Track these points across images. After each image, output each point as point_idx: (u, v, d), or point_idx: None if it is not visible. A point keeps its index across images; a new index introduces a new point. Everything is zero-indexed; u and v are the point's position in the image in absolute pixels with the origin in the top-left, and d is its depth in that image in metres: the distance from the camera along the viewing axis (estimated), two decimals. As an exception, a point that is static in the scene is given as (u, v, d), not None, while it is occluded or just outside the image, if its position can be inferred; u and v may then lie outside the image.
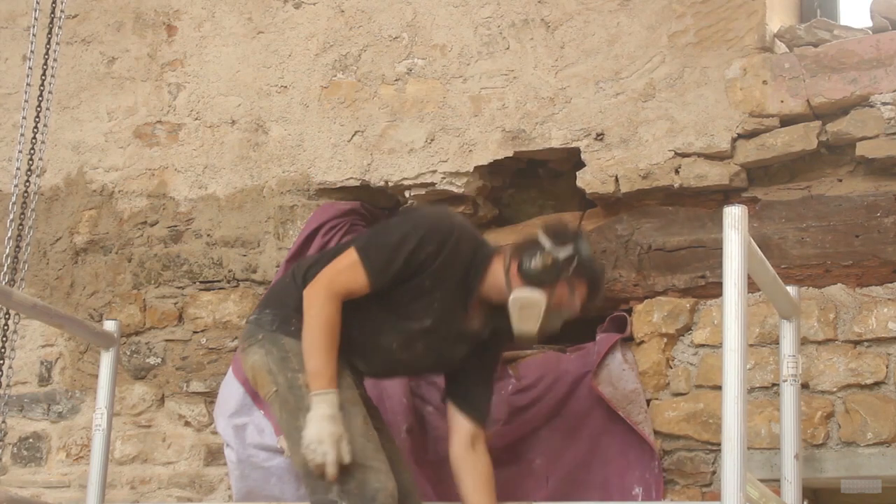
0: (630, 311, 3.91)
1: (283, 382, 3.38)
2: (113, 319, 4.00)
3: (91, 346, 4.49)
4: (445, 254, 3.40)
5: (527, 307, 3.38)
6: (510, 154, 4.10)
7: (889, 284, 3.64)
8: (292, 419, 3.33)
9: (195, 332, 4.45)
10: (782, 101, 3.78)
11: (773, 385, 3.64)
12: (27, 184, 3.89)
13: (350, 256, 3.41)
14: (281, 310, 3.48)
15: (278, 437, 3.82)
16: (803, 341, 3.57)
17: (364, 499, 3.21)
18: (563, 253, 3.39)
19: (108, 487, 4.03)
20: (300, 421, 3.28)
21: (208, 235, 4.50)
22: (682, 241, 3.89)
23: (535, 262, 3.38)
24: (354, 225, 4.18)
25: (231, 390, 4.01)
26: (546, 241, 3.41)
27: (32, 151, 3.90)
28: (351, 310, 3.39)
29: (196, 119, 4.62)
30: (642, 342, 3.85)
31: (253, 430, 3.93)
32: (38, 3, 3.95)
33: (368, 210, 4.27)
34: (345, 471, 3.22)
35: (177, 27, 4.74)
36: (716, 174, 3.84)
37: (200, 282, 4.48)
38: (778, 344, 3.44)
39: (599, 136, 3.99)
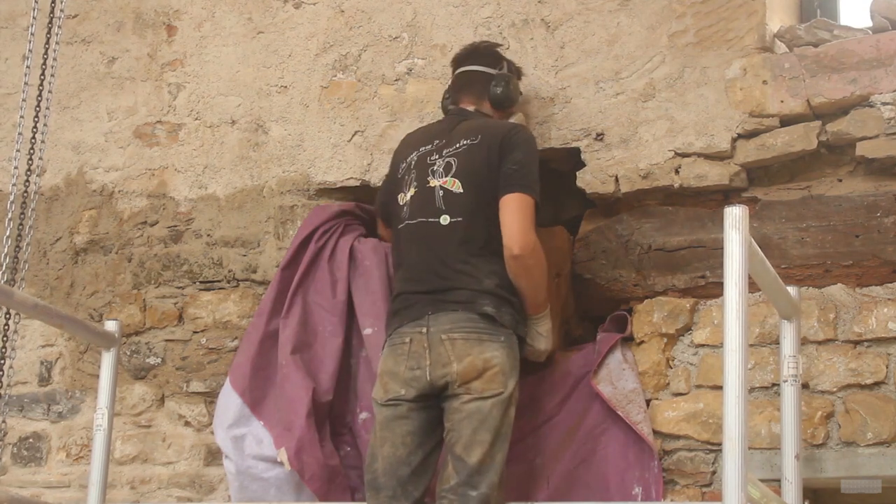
0: (630, 311, 3.91)
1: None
2: (113, 319, 4.00)
3: (91, 346, 4.49)
4: None
5: None
6: (510, 154, 4.10)
7: (889, 284, 3.65)
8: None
9: (195, 332, 4.44)
10: (782, 101, 3.78)
11: (774, 385, 3.64)
12: (27, 184, 3.89)
13: (527, 202, 3.63)
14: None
15: (278, 450, 3.80)
16: (803, 341, 3.57)
17: None
18: (506, 66, 3.92)
19: (109, 487, 4.03)
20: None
21: (208, 235, 4.49)
22: (682, 241, 3.88)
23: (503, 91, 3.86)
24: (349, 226, 4.11)
25: (229, 401, 3.95)
26: (491, 70, 3.89)
27: (32, 151, 3.90)
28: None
29: (196, 119, 4.62)
30: (642, 342, 3.85)
31: (251, 440, 3.89)
32: (37, 3, 3.95)
33: (364, 210, 4.20)
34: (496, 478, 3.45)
35: (177, 27, 4.74)
36: (716, 174, 3.84)
37: (200, 282, 4.47)
38: (778, 344, 3.44)
39: (599, 136, 3.99)
